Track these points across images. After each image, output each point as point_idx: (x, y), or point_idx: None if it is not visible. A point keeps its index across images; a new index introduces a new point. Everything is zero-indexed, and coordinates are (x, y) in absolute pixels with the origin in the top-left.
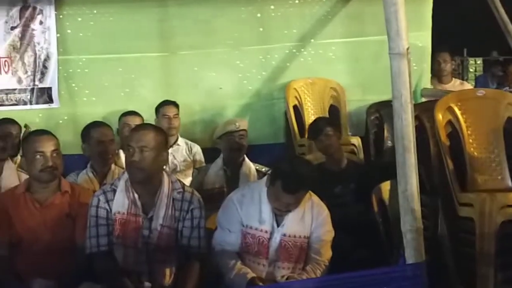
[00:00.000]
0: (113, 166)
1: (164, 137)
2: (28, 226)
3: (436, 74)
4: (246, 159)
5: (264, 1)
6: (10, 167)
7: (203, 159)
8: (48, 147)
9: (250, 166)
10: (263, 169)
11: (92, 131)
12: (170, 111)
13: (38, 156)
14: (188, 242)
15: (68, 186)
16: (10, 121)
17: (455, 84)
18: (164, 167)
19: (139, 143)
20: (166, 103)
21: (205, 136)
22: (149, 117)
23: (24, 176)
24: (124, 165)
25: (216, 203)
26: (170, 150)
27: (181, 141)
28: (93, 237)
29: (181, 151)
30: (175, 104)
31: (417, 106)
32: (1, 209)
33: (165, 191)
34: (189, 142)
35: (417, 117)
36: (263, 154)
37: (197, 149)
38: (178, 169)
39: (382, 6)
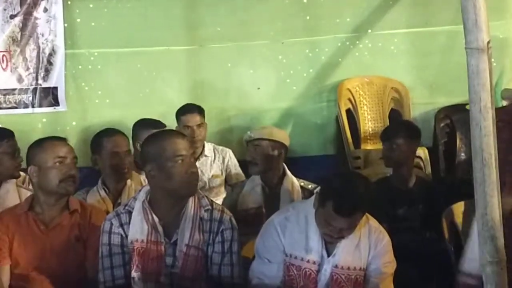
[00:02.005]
0: (128, 181)
1: None
2: (32, 251)
3: None
4: (288, 173)
5: None
6: (9, 182)
7: (239, 170)
8: (69, 153)
9: (293, 182)
10: (309, 186)
11: (104, 140)
12: (193, 120)
13: (58, 164)
14: (218, 270)
15: (77, 204)
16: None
17: None
18: None
19: (190, 151)
20: (188, 109)
21: (241, 147)
22: (172, 122)
23: (25, 194)
24: (142, 182)
25: (253, 227)
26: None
27: (208, 150)
28: (107, 268)
29: (210, 163)
30: (199, 110)
31: (496, 112)
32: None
33: (191, 210)
34: (219, 148)
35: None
36: (310, 168)
37: (229, 156)
38: (207, 186)
39: None
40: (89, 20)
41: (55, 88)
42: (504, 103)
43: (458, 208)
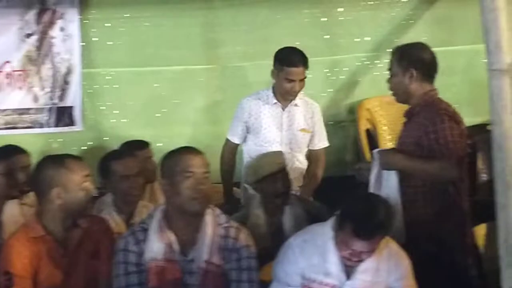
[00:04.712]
0: (140, 202)
1: None
2: (54, 278)
3: None
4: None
5: (331, 2)
6: (12, 202)
7: (323, 129)
8: (90, 173)
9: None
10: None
11: (113, 164)
12: (298, 74)
13: (86, 183)
14: (237, 287)
15: (84, 219)
16: (18, 150)
17: None
18: None
19: (202, 168)
20: (294, 61)
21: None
22: (189, 142)
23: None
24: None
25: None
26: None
27: (299, 100)
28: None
29: (299, 114)
30: (305, 62)
31: None
32: (21, 262)
33: (209, 227)
34: (309, 101)
35: None
36: (329, 189)
37: (318, 112)
38: (293, 140)
39: (475, 9)
40: (106, 39)
41: (71, 108)
42: None
43: (480, 230)
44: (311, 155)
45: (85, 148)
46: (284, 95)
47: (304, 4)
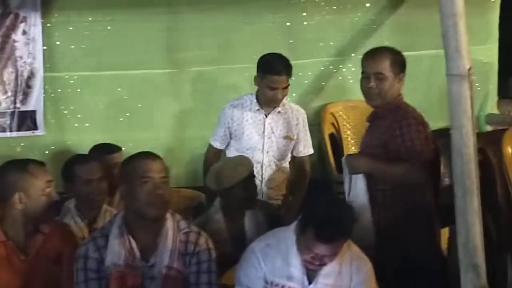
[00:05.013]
0: (104, 206)
1: None
2: (14, 284)
3: None
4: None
5: (294, 6)
6: None
7: (308, 136)
8: (51, 177)
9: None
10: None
11: (76, 168)
12: (280, 82)
13: (48, 189)
14: None
15: (46, 224)
16: None
17: None
18: None
19: (160, 173)
20: (277, 69)
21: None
22: (153, 147)
23: None
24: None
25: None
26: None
27: (282, 106)
28: None
29: (282, 121)
30: (288, 70)
31: (481, 137)
32: None
33: (169, 232)
34: (294, 107)
35: (480, 151)
36: None
37: (303, 118)
38: (275, 147)
39: (437, 14)
40: (68, 43)
41: (34, 112)
42: (489, 128)
43: (443, 234)
44: (295, 163)
45: (48, 152)
46: (267, 102)
47: (268, 9)
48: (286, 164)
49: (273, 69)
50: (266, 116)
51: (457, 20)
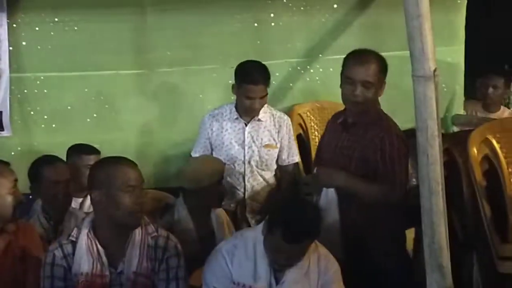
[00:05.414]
0: (71, 208)
1: None
2: None
3: (483, 98)
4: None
5: (262, 7)
6: None
7: (293, 143)
8: (16, 177)
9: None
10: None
11: (44, 169)
12: (257, 92)
13: (13, 189)
14: None
15: (11, 224)
16: None
17: (503, 114)
18: None
19: (140, 181)
20: (253, 79)
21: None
22: (121, 150)
23: None
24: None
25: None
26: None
27: (263, 113)
28: None
29: (263, 129)
30: (265, 80)
31: (447, 137)
32: None
33: (137, 237)
34: (276, 114)
35: (447, 151)
36: None
37: (286, 125)
38: (257, 157)
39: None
40: (35, 44)
41: (0, 113)
42: (456, 129)
43: (409, 234)
44: (280, 172)
45: (14, 153)
46: (245, 111)
47: (236, 9)
48: (270, 175)
49: (249, 79)
50: (246, 125)
51: (422, 22)
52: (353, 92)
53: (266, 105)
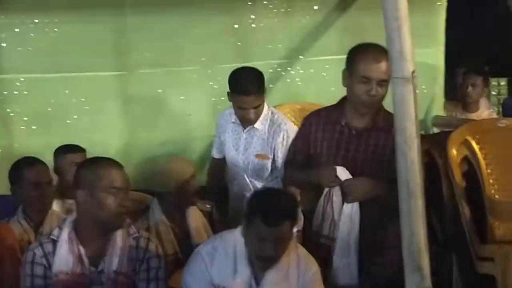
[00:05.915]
0: (50, 210)
1: None
2: None
3: (462, 99)
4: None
5: (242, 9)
6: None
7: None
8: None
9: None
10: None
11: (25, 171)
12: (249, 103)
13: None
14: None
15: None
16: None
17: (482, 114)
18: None
19: (125, 183)
20: (244, 90)
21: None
22: (102, 150)
23: None
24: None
25: None
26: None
27: (260, 122)
28: None
29: (257, 138)
30: (259, 90)
31: (427, 138)
32: None
33: (119, 237)
34: (276, 123)
35: (427, 152)
36: None
37: (283, 136)
38: (249, 166)
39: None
40: (15, 45)
41: None
42: (436, 130)
43: None
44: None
45: None
46: (240, 120)
47: (216, 11)
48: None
49: (240, 89)
50: (243, 130)
51: (401, 24)
52: (369, 92)
53: (271, 111)
